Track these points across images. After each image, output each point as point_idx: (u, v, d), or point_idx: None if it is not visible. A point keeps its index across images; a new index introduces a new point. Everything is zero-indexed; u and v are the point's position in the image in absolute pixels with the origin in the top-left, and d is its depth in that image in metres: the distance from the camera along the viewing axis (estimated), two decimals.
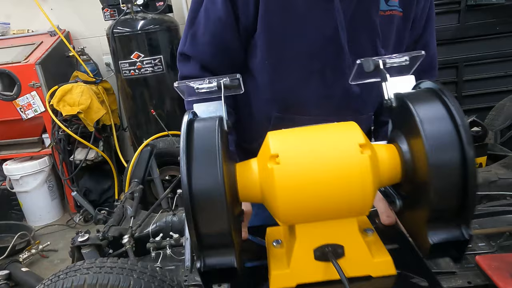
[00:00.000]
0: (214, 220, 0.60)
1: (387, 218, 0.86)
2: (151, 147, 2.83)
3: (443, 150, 0.58)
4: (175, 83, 0.73)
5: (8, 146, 3.48)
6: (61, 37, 3.51)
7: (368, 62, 0.71)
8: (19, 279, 2.56)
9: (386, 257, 0.70)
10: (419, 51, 0.71)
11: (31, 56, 3.30)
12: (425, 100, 0.63)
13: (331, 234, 0.68)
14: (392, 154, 0.67)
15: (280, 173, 0.62)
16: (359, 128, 0.66)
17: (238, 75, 0.73)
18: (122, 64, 3.24)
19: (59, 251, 3.07)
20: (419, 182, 0.62)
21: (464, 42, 2.98)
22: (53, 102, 3.17)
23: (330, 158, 0.62)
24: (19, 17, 3.79)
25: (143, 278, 1.30)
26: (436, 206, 0.59)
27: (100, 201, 3.50)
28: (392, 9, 0.98)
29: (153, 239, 1.91)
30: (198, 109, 0.73)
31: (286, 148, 0.64)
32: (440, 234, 0.61)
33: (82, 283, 1.25)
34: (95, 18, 3.59)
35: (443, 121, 0.60)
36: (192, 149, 0.62)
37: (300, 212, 0.64)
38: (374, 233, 0.76)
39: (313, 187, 0.62)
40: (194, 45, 1.04)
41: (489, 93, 3.08)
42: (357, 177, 0.61)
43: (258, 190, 0.67)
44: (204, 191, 0.59)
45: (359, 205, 0.64)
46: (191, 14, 1.04)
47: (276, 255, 0.75)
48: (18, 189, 3.40)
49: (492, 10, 2.90)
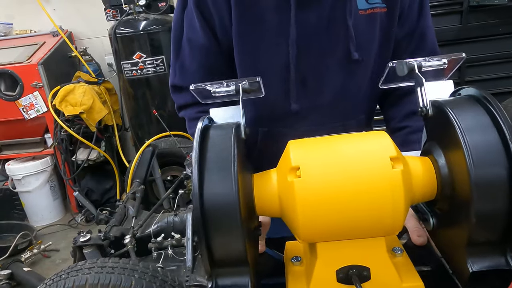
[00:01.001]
0: (227, 237, 0.56)
1: (418, 238, 0.78)
2: (153, 147, 2.84)
3: (488, 165, 0.52)
4: (191, 86, 0.69)
5: (10, 146, 3.49)
6: (63, 37, 3.51)
7: (402, 65, 0.64)
8: (21, 279, 2.57)
9: (417, 281, 0.63)
10: (460, 53, 0.64)
11: (34, 56, 3.31)
12: (467, 108, 0.57)
13: (356, 255, 0.61)
14: (427, 168, 0.61)
15: (301, 187, 0.57)
16: (389, 138, 0.60)
17: (258, 78, 0.68)
18: (124, 65, 3.25)
19: (61, 251, 3.07)
20: (459, 200, 0.56)
21: (466, 43, 2.97)
22: (56, 102, 3.17)
23: (357, 172, 0.56)
24: (22, 17, 3.80)
25: (145, 278, 1.30)
26: (478, 229, 0.53)
27: (102, 201, 3.50)
28: (373, 7, 0.94)
29: (154, 239, 1.91)
30: (214, 114, 0.69)
31: (308, 160, 0.58)
32: (481, 262, 0.55)
33: (83, 283, 1.25)
34: (97, 19, 3.60)
35: (488, 133, 0.53)
36: (205, 159, 0.57)
37: (323, 230, 0.58)
38: (403, 253, 0.68)
39: (338, 204, 0.56)
40: (183, 75, 1.05)
41: (492, 94, 3.07)
42: (388, 194, 0.55)
43: (276, 204, 0.62)
44: (217, 205, 0.55)
45: (389, 225, 0.57)
46: (174, 45, 1.04)
47: (294, 273, 0.69)
48: (20, 189, 3.40)
49: (494, 11, 2.89)
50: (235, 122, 0.65)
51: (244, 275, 0.58)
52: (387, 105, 1.11)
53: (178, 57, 1.04)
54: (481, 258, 0.55)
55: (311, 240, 0.62)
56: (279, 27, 0.94)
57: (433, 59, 0.64)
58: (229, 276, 0.58)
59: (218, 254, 0.57)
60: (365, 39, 0.96)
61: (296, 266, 0.70)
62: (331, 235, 0.60)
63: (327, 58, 0.97)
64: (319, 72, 0.98)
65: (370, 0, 0.94)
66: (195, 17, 0.97)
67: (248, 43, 0.97)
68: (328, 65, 0.98)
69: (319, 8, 0.93)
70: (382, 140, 0.59)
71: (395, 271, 0.62)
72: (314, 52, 0.96)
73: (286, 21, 0.93)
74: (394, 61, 0.66)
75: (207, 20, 0.97)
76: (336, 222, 0.57)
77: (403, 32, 1.00)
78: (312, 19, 0.93)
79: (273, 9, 0.93)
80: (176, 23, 1.03)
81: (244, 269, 0.58)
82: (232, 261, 0.57)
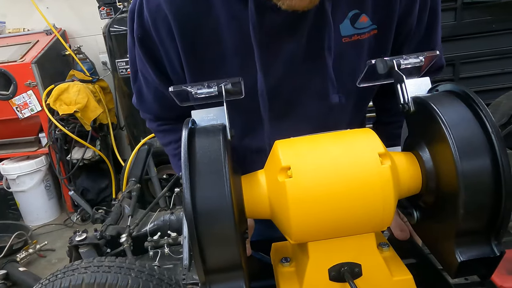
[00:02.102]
0: (222, 243, 0.54)
1: (401, 233, 0.78)
2: (148, 146, 2.83)
3: (473, 157, 0.53)
4: (170, 88, 0.67)
5: (4, 145, 3.46)
6: (57, 35, 3.49)
7: (382, 63, 0.65)
8: (16, 279, 2.56)
9: (407, 275, 0.64)
10: (434, 51, 0.65)
11: (27, 55, 3.29)
12: (449, 103, 0.58)
13: (347, 252, 0.62)
14: (412, 163, 0.63)
15: (293, 187, 0.56)
16: (376, 135, 0.61)
17: (240, 78, 0.66)
18: (118, 63, 3.23)
19: (57, 250, 3.06)
20: (445, 193, 0.57)
21: (460, 40, 2.98)
22: (50, 101, 3.16)
23: (347, 170, 0.57)
24: (15, 16, 3.77)
25: (141, 277, 1.31)
26: (465, 220, 0.54)
27: (98, 200, 3.49)
28: (360, 33, 0.82)
29: (151, 238, 1.91)
30: (196, 116, 0.67)
31: (298, 159, 0.58)
32: (469, 251, 0.56)
33: (80, 282, 1.25)
34: (91, 17, 3.58)
35: (472, 126, 0.54)
36: (195, 163, 0.56)
37: (315, 229, 0.59)
38: (390, 248, 0.70)
39: (330, 202, 0.56)
40: (140, 101, 1.02)
41: (486, 90, 3.09)
42: (378, 189, 0.56)
43: (266, 206, 0.61)
44: (210, 210, 0.54)
45: (379, 220, 0.58)
46: (132, 67, 0.97)
47: (285, 274, 0.68)
48: (15, 188, 3.39)
49: (488, 8, 2.91)
50: (221, 123, 0.64)
51: (239, 279, 0.57)
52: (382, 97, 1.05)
53: (135, 82, 0.99)
54: (468, 247, 0.56)
55: (303, 240, 0.62)
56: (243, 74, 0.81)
57: (410, 56, 0.66)
58: (224, 282, 0.57)
59: (213, 260, 0.56)
60: (349, 68, 0.85)
61: (286, 267, 0.69)
62: (323, 233, 0.60)
63: (303, 97, 0.87)
64: (294, 111, 0.89)
65: (357, 24, 0.81)
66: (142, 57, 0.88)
67: None
68: (305, 103, 0.88)
69: (290, 47, 0.80)
70: (370, 137, 0.60)
71: (385, 266, 0.63)
72: (287, 94, 0.86)
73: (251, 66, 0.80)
74: (373, 60, 0.66)
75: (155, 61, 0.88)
76: (329, 220, 0.58)
77: (412, 47, 0.91)
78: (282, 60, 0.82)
79: (233, 54, 0.81)
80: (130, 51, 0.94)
81: (239, 273, 0.57)
82: (227, 267, 0.57)
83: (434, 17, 0.91)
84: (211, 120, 0.66)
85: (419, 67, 0.66)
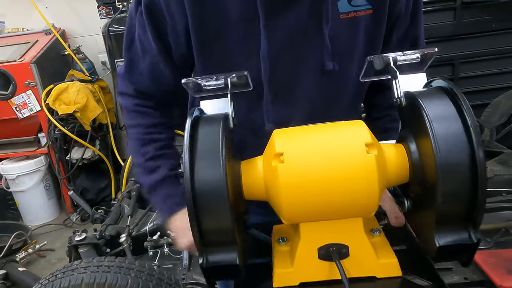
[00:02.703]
0: (216, 216, 0.61)
1: (396, 220, 0.82)
2: None
3: (452, 151, 0.56)
4: (183, 79, 0.73)
5: (3, 145, 3.46)
6: (56, 35, 3.49)
7: (378, 59, 0.70)
8: (16, 279, 2.56)
9: (392, 258, 0.69)
10: (432, 47, 0.69)
11: (26, 55, 3.28)
12: (435, 98, 0.61)
13: (336, 234, 0.67)
14: (400, 154, 0.66)
15: (284, 172, 0.62)
16: (366, 126, 0.65)
17: (245, 72, 0.71)
18: (118, 63, 3.22)
19: (56, 250, 3.06)
20: (427, 183, 0.61)
21: (460, 39, 2.98)
22: (49, 101, 3.15)
23: (335, 157, 0.62)
24: (14, 15, 3.77)
25: (141, 277, 1.30)
26: (443, 208, 0.58)
27: (97, 200, 3.49)
28: (357, 10, 0.87)
29: (150, 237, 1.91)
30: (205, 106, 0.73)
31: (291, 146, 0.64)
32: (447, 237, 0.60)
33: (79, 282, 1.25)
34: (90, 17, 3.58)
35: (453, 121, 0.58)
36: (195, 146, 0.62)
37: (304, 211, 0.64)
38: (381, 234, 0.74)
39: (317, 186, 0.61)
40: (131, 71, 0.99)
41: (485, 90, 3.09)
42: (363, 177, 0.61)
43: (262, 188, 0.67)
44: (206, 187, 0.60)
45: (364, 206, 0.63)
46: (128, 35, 0.97)
47: (280, 252, 0.75)
48: (14, 188, 3.38)
49: (487, 7, 2.91)
50: (224, 112, 0.70)
51: (232, 252, 0.63)
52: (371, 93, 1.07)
53: (130, 50, 0.98)
54: (447, 234, 0.60)
55: (294, 220, 0.68)
56: (246, 40, 0.87)
57: (407, 53, 0.69)
58: (218, 253, 0.64)
59: (208, 232, 0.62)
60: (345, 45, 0.90)
61: (282, 246, 0.75)
62: (312, 215, 0.65)
63: (302, 69, 0.91)
64: (293, 85, 0.93)
65: (353, 2, 0.88)
66: (147, 25, 0.90)
67: (211, 59, 0.90)
68: (304, 77, 0.92)
69: (293, 16, 0.86)
70: (359, 128, 0.64)
71: (372, 249, 0.68)
72: (287, 64, 0.90)
73: (254, 33, 0.85)
74: (371, 56, 0.71)
75: (159, 30, 0.90)
76: (317, 203, 0.63)
77: (397, 37, 0.96)
78: (285, 28, 0.86)
79: (238, 20, 0.86)
80: (130, 18, 0.96)
81: (233, 246, 0.63)
82: (221, 239, 0.63)
83: (419, 7, 0.96)
84: (218, 110, 0.73)
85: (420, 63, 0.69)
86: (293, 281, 0.69)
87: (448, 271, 1.09)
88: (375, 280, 0.69)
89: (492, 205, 1.61)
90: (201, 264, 0.64)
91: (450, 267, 1.10)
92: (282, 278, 0.70)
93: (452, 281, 1.08)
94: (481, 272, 1.07)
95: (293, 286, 0.69)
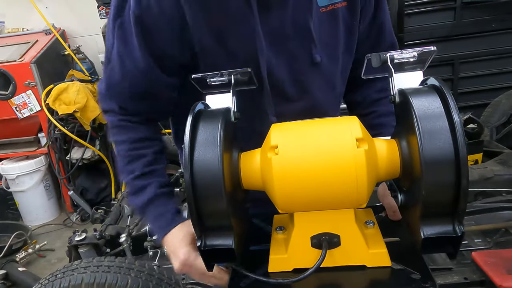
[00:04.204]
0: (213, 202, 0.65)
1: (393, 214, 0.86)
2: None
3: (436, 147, 0.59)
4: (192, 75, 0.78)
5: (3, 145, 3.46)
6: (56, 35, 3.49)
7: (375, 57, 0.73)
8: (16, 279, 2.56)
9: (382, 249, 0.72)
10: (429, 47, 0.71)
11: (26, 55, 3.28)
12: (424, 96, 0.64)
13: (328, 224, 0.71)
14: (392, 149, 0.69)
15: (278, 163, 0.65)
16: (359, 122, 0.67)
17: (249, 69, 0.75)
18: None
19: (56, 250, 3.06)
20: (414, 177, 0.64)
21: (459, 39, 2.99)
22: (49, 101, 3.15)
23: (326, 151, 0.65)
24: (14, 15, 3.77)
25: (141, 277, 1.31)
26: (427, 201, 0.61)
27: (97, 200, 3.49)
28: (334, 3, 0.92)
29: (150, 237, 1.91)
30: (210, 100, 0.77)
31: (285, 139, 0.67)
32: (432, 229, 0.63)
33: (79, 282, 1.25)
34: (90, 17, 3.57)
35: (438, 118, 0.60)
36: (196, 137, 0.66)
37: (296, 201, 0.68)
38: (375, 226, 0.77)
39: (309, 178, 0.65)
40: (110, 88, 0.95)
41: (485, 90, 3.09)
42: (352, 170, 0.63)
43: (259, 179, 0.70)
44: (204, 175, 0.64)
45: (354, 198, 0.66)
46: (106, 53, 0.94)
47: (277, 240, 0.79)
48: (14, 188, 3.38)
49: (487, 7, 2.91)
50: (226, 106, 0.74)
51: (229, 237, 0.68)
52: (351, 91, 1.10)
53: (107, 66, 0.94)
54: (432, 226, 0.63)
55: (288, 210, 0.72)
56: (243, 39, 0.88)
57: (404, 52, 0.71)
58: (215, 237, 0.68)
59: (206, 217, 0.66)
60: (329, 37, 0.95)
61: (279, 234, 0.80)
62: (304, 205, 0.69)
63: (296, 62, 0.94)
64: (291, 78, 0.95)
65: None
66: (134, 35, 0.86)
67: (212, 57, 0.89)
68: (299, 70, 0.95)
69: (281, 12, 0.89)
70: (351, 124, 0.67)
71: (363, 239, 0.72)
72: (283, 59, 0.92)
73: (251, 30, 0.87)
74: (370, 54, 0.74)
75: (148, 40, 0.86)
76: (309, 194, 0.66)
77: (363, 25, 1.00)
78: (276, 24, 0.89)
79: (235, 20, 0.87)
80: (108, 33, 0.92)
81: (229, 232, 0.68)
82: (218, 224, 0.67)
83: None
84: (222, 104, 0.76)
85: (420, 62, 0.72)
86: (287, 266, 0.74)
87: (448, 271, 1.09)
88: (365, 269, 0.72)
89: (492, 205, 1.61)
90: (199, 247, 0.68)
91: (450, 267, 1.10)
92: (277, 264, 0.75)
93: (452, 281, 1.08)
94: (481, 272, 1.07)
95: (287, 271, 0.74)
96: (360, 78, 0.85)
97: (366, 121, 1.03)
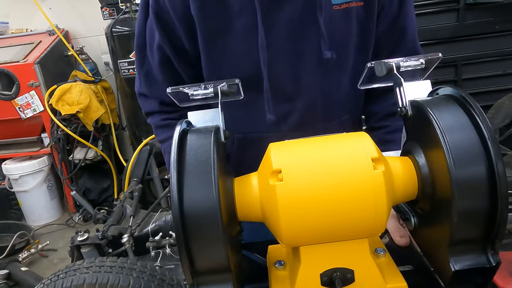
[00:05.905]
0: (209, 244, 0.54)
1: (400, 239, 0.78)
2: (150, 146, 2.83)
3: (468, 164, 0.52)
4: (168, 89, 0.66)
5: (7, 145, 3.47)
6: (59, 36, 3.50)
7: (380, 65, 0.64)
8: (18, 279, 2.56)
9: (401, 282, 0.63)
10: (436, 53, 0.65)
11: (30, 55, 3.30)
12: (446, 108, 0.57)
13: (340, 257, 0.61)
14: (408, 168, 0.62)
15: (283, 191, 0.56)
16: (371, 139, 0.60)
17: (237, 80, 0.66)
18: (121, 63, 3.23)
19: (59, 250, 3.07)
20: (440, 199, 0.56)
21: (463, 41, 2.98)
22: (52, 101, 3.16)
23: (339, 175, 0.56)
24: (18, 16, 3.78)
25: (143, 277, 1.31)
26: (460, 227, 0.53)
27: (100, 201, 3.49)
28: (349, 1, 0.90)
29: (152, 238, 1.91)
30: (192, 117, 0.66)
31: (290, 162, 0.57)
32: (463, 260, 0.55)
33: (81, 282, 1.25)
34: (94, 17, 3.58)
35: (468, 131, 0.53)
36: (184, 164, 0.56)
37: (306, 234, 0.58)
38: (386, 254, 0.68)
39: (320, 207, 0.56)
40: (149, 84, 1.02)
41: (488, 91, 3.08)
42: (370, 195, 0.55)
43: (258, 209, 0.61)
44: (197, 211, 0.53)
45: (372, 226, 0.57)
46: (138, 53, 1.00)
47: (278, 278, 0.68)
48: (17, 188, 3.39)
49: (491, 9, 2.90)
50: (214, 125, 0.64)
51: (227, 282, 0.57)
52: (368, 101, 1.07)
53: (143, 66, 1.01)
54: (462, 256, 0.55)
55: (294, 244, 0.61)
56: (246, 33, 0.89)
57: (410, 59, 0.65)
58: (211, 284, 0.57)
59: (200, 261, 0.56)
60: (340, 35, 0.92)
61: (280, 270, 0.69)
62: (314, 238, 0.59)
63: (301, 60, 0.92)
64: (293, 76, 0.93)
65: None
66: (155, 29, 0.93)
67: (216, 53, 0.92)
68: (302, 68, 0.93)
69: (289, 8, 0.88)
70: (363, 141, 0.59)
71: (379, 272, 0.62)
72: (286, 55, 0.91)
73: (253, 26, 0.87)
74: (372, 62, 0.66)
75: (168, 32, 0.92)
76: (319, 225, 0.57)
77: (382, 28, 0.96)
78: (282, 20, 0.88)
79: (239, 13, 0.87)
80: (139, 30, 0.99)
81: (227, 276, 0.57)
82: (214, 269, 0.56)
83: None
84: (207, 121, 0.66)
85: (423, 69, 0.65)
86: None
87: None
88: None
89: None
90: None
91: None
92: None
93: None
94: None
95: None
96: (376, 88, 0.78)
97: (377, 135, 1.01)
